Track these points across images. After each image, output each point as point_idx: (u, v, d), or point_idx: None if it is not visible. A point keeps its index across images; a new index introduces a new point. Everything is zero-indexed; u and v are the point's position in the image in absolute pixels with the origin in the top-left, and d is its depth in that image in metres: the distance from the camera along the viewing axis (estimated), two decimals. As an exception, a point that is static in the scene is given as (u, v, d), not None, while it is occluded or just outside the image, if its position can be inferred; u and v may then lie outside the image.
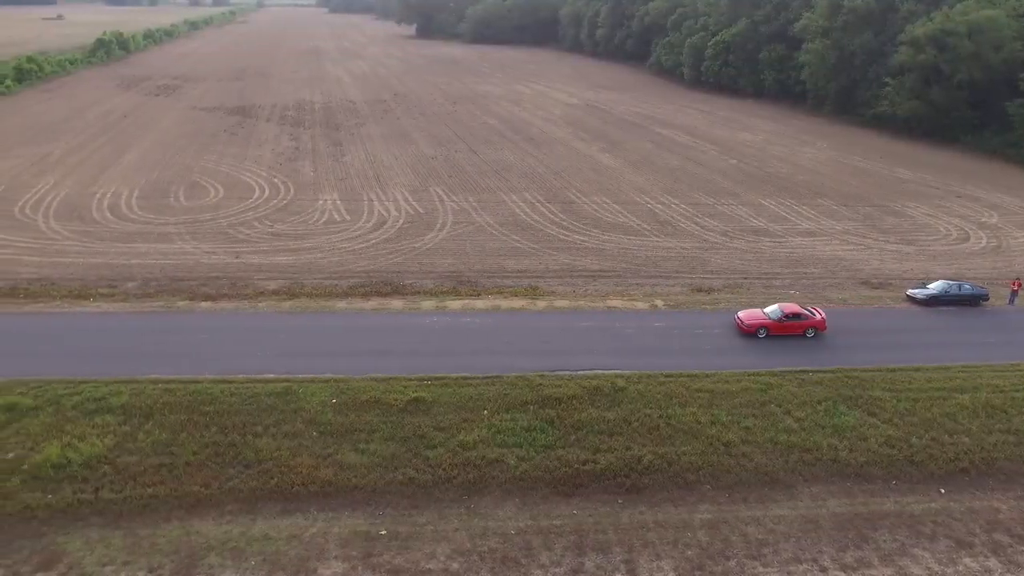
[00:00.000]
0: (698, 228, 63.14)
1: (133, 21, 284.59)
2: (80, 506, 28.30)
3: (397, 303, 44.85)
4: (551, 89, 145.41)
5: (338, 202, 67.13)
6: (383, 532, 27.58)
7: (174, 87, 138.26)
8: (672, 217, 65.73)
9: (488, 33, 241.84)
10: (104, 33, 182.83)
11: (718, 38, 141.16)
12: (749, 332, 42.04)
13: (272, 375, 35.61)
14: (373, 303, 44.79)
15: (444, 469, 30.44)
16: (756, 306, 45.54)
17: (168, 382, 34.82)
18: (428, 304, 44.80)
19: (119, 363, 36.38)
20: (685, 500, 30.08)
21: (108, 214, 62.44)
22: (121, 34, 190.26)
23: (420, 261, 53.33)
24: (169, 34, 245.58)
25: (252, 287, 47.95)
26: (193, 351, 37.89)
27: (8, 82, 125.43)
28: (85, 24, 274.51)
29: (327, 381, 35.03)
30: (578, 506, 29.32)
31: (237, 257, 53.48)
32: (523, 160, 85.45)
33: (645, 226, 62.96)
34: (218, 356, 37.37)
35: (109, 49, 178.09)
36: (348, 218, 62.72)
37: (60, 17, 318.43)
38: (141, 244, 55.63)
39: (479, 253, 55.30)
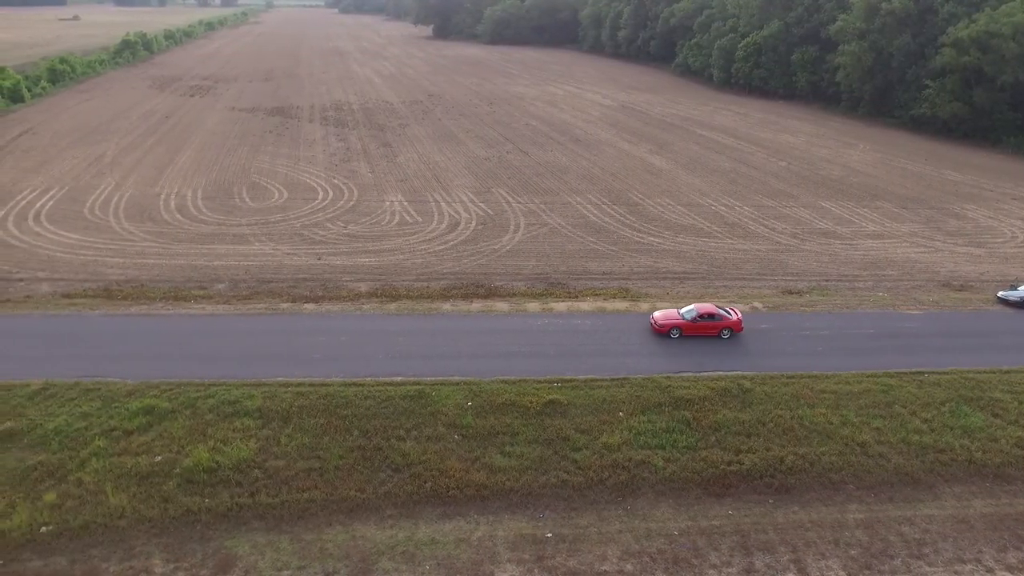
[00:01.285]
0: (767, 230, 63.30)
1: (147, 22, 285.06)
2: (240, 510, 28.48)
3: (502, 305, 44.96)
4: (582, 90, 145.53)
5: (405, 203, 67.26)
6: (549, 535, 27.74)
7: (207, 88, 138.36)
8: (739, 219, 65.89)
9: (507, 34, 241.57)
10: (128, 34, 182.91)
11: (749, 40, 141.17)
12: (662, 332, 40.96)
13: (400, 378, 35.73)
14: (477, 305, 44.90)
15: (594, 471, 30.63)
16: (850, 309, 45.86)
17: (298, 385, 34.97)
18: (533, 306, 44.92)
19: (242, 365, 36.54)
20: (833, 500, 30.31)
21: (178, 215, 62.64)
22: (145, 35, 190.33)
23: (504, 263, 53.46)
24: (188, 35, 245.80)
25: (345, 289, 48.14)
26: (314, 353, 38.00)
27: (43, 83, 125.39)
28: (101, 24, 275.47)
29: (457, 384, 35.16)
30: (732, 506, 29.52)
31: (319, 259, 53.64)
32: (575, 162, 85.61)
33: (715, 228, 63.11)
34: (341, 358, 37.49)
35: (134, 50, 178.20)
36: (419, 220, 62.84)
37: (76, 18, 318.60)
38: (219, 245, 55.83)
39: (560, 255, 55.43)
